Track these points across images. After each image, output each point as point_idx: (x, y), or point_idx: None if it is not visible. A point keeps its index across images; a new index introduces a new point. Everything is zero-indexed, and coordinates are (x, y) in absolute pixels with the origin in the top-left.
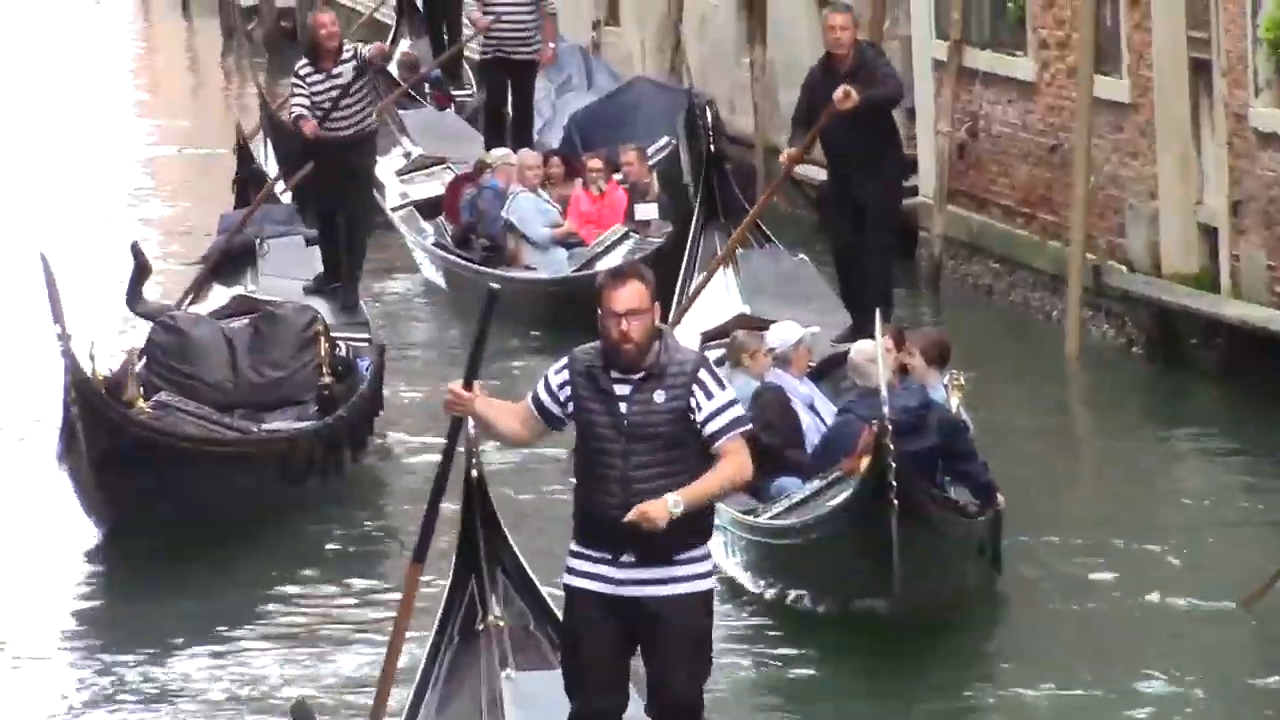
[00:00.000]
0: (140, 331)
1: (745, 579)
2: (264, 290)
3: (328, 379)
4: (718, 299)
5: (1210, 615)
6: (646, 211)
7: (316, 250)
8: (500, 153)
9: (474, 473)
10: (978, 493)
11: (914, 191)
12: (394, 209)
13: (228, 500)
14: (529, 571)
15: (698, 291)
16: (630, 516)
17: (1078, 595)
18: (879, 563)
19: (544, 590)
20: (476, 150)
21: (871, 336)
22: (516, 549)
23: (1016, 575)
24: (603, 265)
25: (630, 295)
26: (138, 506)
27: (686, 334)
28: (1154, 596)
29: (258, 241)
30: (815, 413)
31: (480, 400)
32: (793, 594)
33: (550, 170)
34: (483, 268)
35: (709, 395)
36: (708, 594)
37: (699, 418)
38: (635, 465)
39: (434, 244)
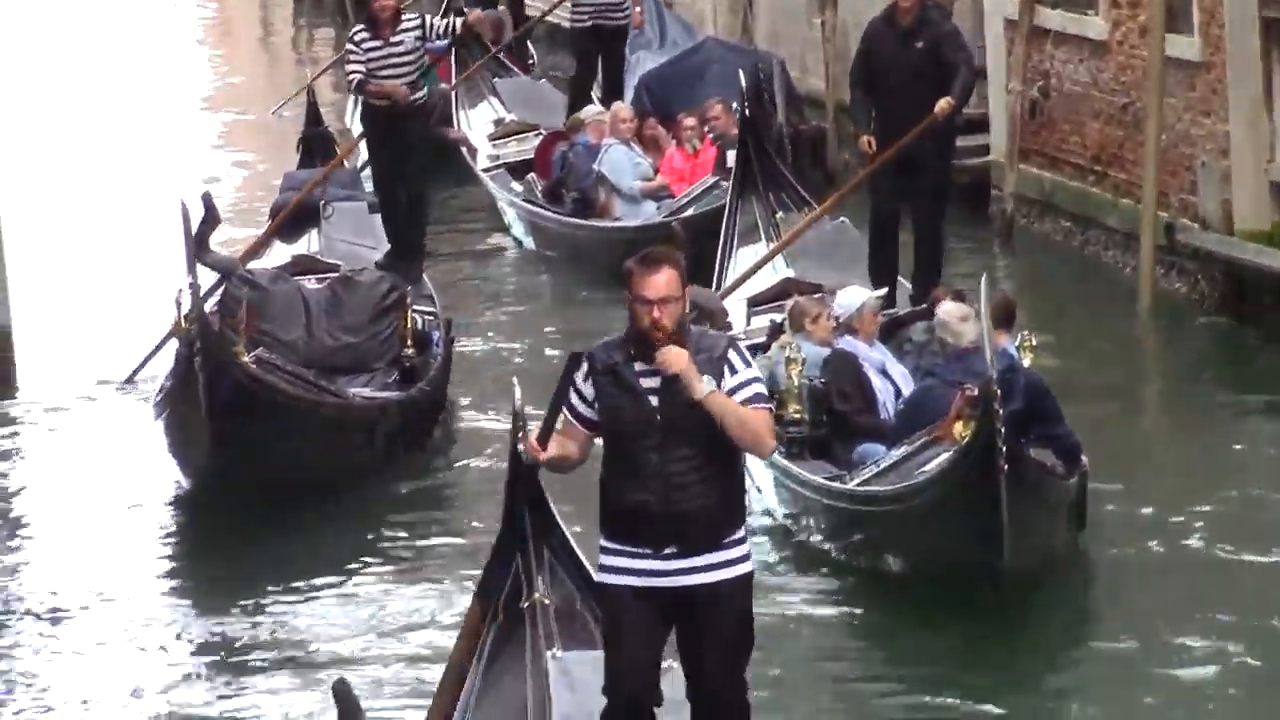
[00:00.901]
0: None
1: (829, 547)
2: (326, 252)
3: (410, 350)
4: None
5: None
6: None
7: (379, 218)
8: (593, 109)
9: (520, 447)
10: (1064, 455)
11: (985, 150)
12: (485, 170)
13: (319, 463)
14: (576, 548)
15: (753, 270)
16: (658, 360)
17: (1158, 550)
18: (986, 527)
19: (591, 568)
20: (564, 118)
21: (925, 299)
22: (563, 525)
23: (1098, 531)
24: (691, 213)
25: (664, 282)
26: (243, 461)
27: (733, 303)
28: (1232, 549)
29: (322, 204)
30: (887, 377)
31: (550, 452)
32: (886, 560)
33: (647, 131)
34: (573, 219)
35: (734, 371)
36: (750, 575)
37: (723, 391)
38: (673, 459)
39: (524, 200)
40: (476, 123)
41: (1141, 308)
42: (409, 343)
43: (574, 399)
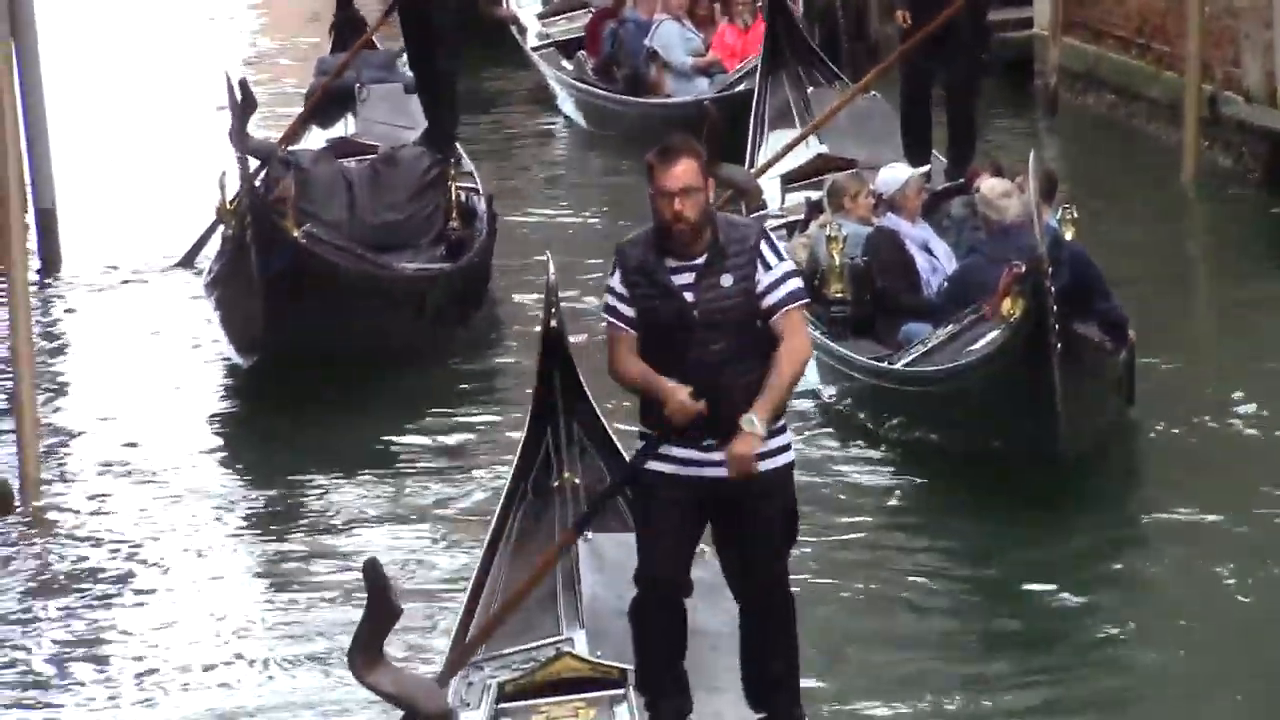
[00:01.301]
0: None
1: (875, 427)
2: (363, 134)
3: (455, 223)
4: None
5: None
6: None
7: (415, 98)
8: None
9: (553, 323)
10: (1111, 328)
11: (1028, 24)
12: (534, 48)
13: (370, 335)
14: (608, 429)
15: (788, 149)
16: (731, 474)
17: (1209, 424)
18: (1039, 404)
19: (622, 449)
20: None
21: (961, 175)
22: (594, 402)
23: (1146, 406)
24: (744, 88)
25: (684, 172)
26: (297, 334)
27: (766, 181)
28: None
29: (356, 86)
30: (931, 254)
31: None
32: (935, 440)
33: (699, 8)
34: (624, 96)
35: (767, 266)
36: (791, 465)
37: (759, 289)
38: (712, 354)
39: (574, 78)
40: (525, 1)
41: (1185, 180)
42: (454, 216)
43: (615, 302)
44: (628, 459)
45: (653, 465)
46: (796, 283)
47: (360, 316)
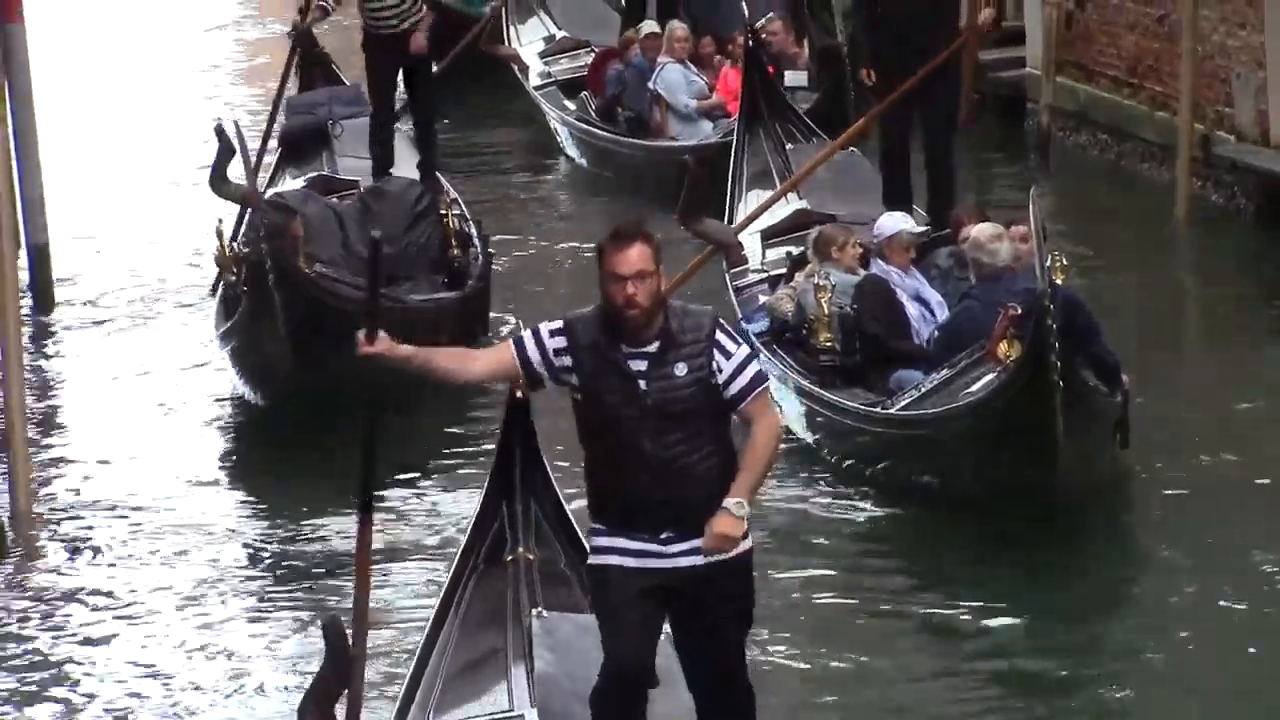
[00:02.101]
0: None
1: (868, 473)
2: (342, 171)
3: (457, 250)
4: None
5: None
6: (796, 79)
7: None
8: (649, 26)
9: (519, 394)
10: (1105, 373)
11: (1021, 63)
12: (536, 88)
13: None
14: (566, 509)
15: (768, 204)
16: (709, 553)
17: (1203, 464)
18: (1039, 445)
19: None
20: (617, 34)
21: (943, 224)
22: (555, 482)
23: (1140, 448)
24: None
25: (637, 257)
26: (322, 374)
27: (746, 237)
28: (1276, 462)
29: (329, 123)
30: (923, 304)
31: (396, 346)
32: (931, 484)
33: (703, 49)
34: (627, 139)
35: (727, 355)
36: (750, 551)
37: (720, 379)
38: (665, 445)
39: (577, 119)
40: (527, 39)
41: (1178, 220)
42: (453, 244)
43: (533, 348)
44: (584, 538)
45: (611, 560)
46: (757, 365)
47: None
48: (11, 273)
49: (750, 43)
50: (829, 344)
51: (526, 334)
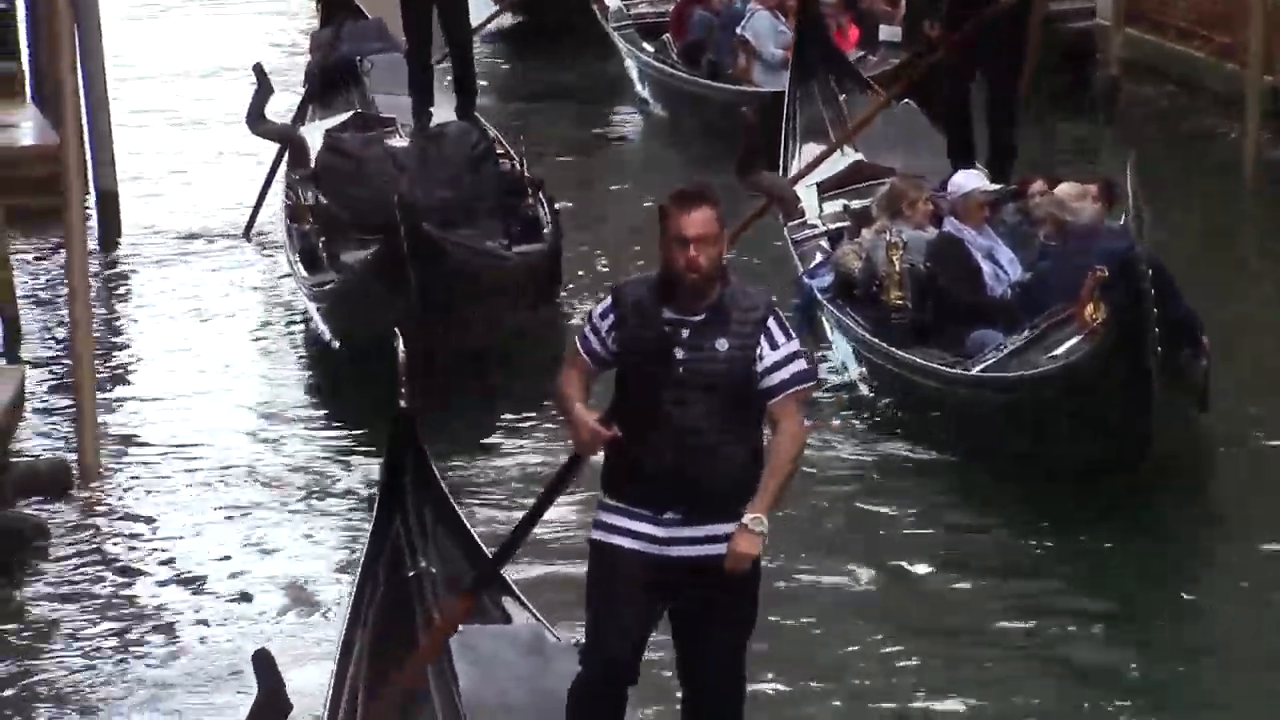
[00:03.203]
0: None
1: (947, 437)
2: (377, 108)
3: (531, 200)
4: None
5: None
6: (890, 33)
7: None
8: None
9: (403, 403)
10: (1187, 335)
11: (1089, 14)
12: (615, 28)
13: (485, 326)
14: (461, 516)
15: (823, 156)
16: (731, 568)
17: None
18: (1137, 409)
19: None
20: None
21: (1005, 177)
22: (448, 492)
23: (1215, 411)
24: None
25: (702, 220)
26: (445, 329)
27: (802, 190)
28: None
29: (358, 60)
30: (995, 263)
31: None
32: (1012, 446)
33: (787, 4)
34: (709, 81)
35: (774, 344)
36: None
37: (760, 366)
38: (690, 417)
39: (657, 60)
40: None
41: (1246, 175)
42: (528, 191)
43: (591, 336)
44: (484, 548)
45: (614, 539)
46: (802, 364)
47: (481, 306)
48: (79, 219)
49: None
50: (900, 301)
51: (585, 329)
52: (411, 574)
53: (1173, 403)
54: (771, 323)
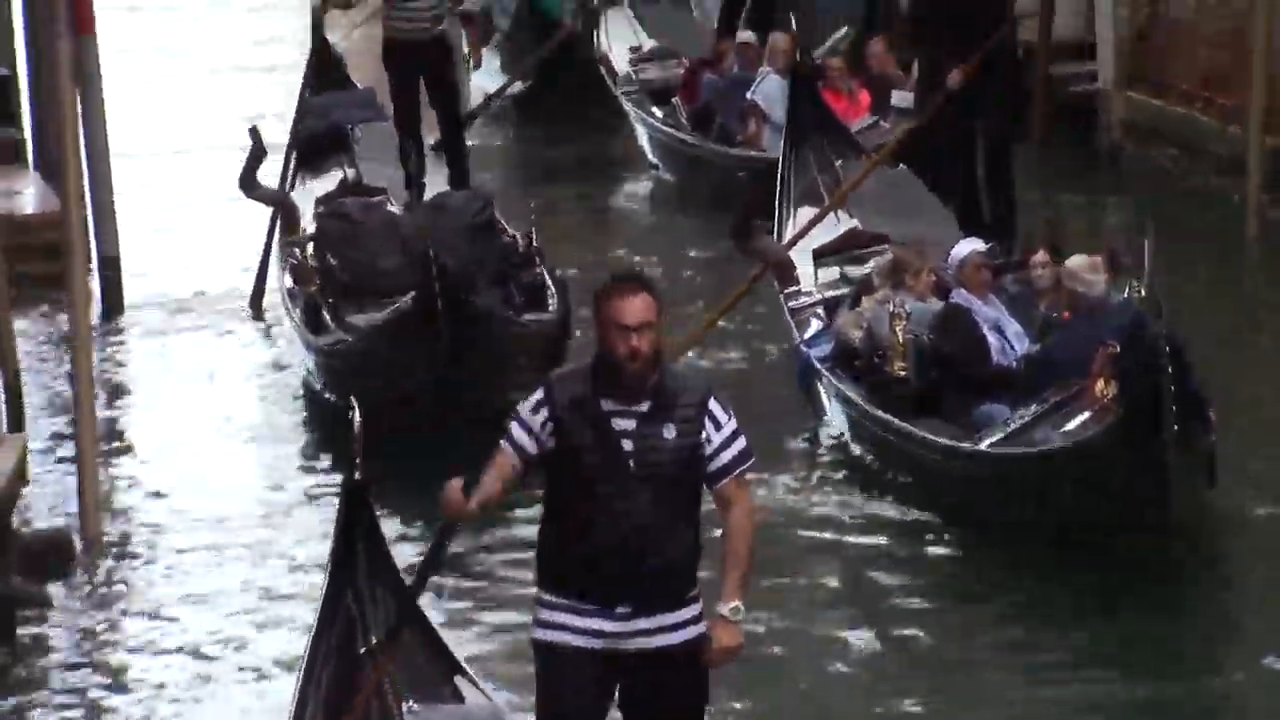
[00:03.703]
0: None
1: (959, 512)
2: (365, 176)
3: (539, 267)
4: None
5: None
6: (902, 99)
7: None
8: (747, 35)
9: (357, 475)
10: (1196, 410)
11: (1092, 77)
12: (624, 93)
13: (502, 390)
14: (413, 597)
15: (816, 220)
16: (716, 663)
17: None
18: (1155, 486)
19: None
20: (707, 45)
21: (1011, 234)
22: (400, 569)
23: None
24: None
25: (643, 306)
26: (466, 391)
27: (797, 256)
28: None
29: (348, 127)
30: (1002, 335)
31: (475, 503)
32: (1022, 520)
33: (799, 69)
34: (718, 146)
35: (718, 425)
36: (705, 636)
37: (709, 450)
38: (642, 509)
39: (667, 124)
40: (616, 45)
41: (1249, 236)
42: (536, 259)
43: (520, 433)
44: (433, 625)
45: (562, 637)
46: (744, 442)
47: (502, 370)
48: (82, 284)
49: (799, 57)
50: (903, 372)
51: (512, 425)
52: (363, 650)
53: (1185, 473)
54: (713, 404)
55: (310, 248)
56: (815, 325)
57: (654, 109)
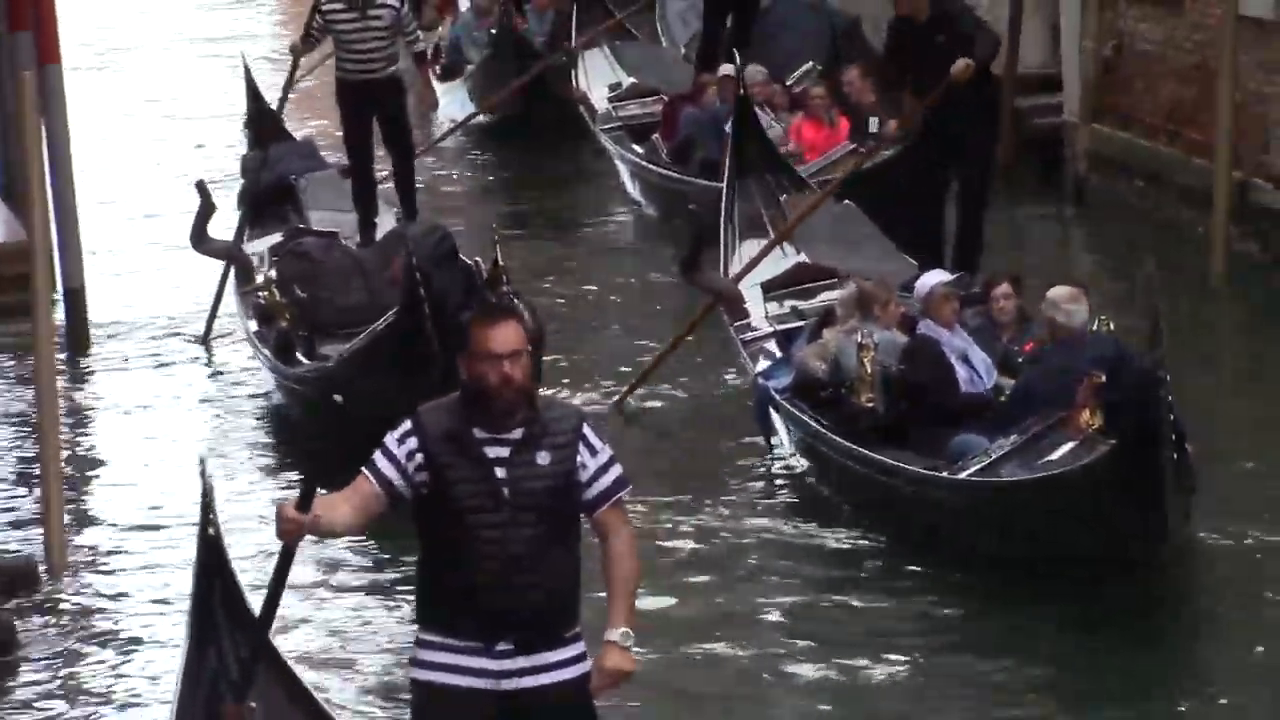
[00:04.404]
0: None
1: (934, 541)
2: (315, 224)
3: (505, 286)
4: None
5: None
6: (878, 126)
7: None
8: (726, 68)
9: (210, 530)
10: (1181, 441)
11: (1058, 110)
12: (604, 130)
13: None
14: (275, 646)
15: (763, 254)
16: (604, 688)
17: (1261, 537)
18: (1146, 514)
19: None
20: (688, 81)
21: (971, 269)
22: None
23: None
24: (832, 177)
25: (513, 335)
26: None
27: (745, 290)
28: None
29: (293, 178)
30: (970, 365)
31: (314, 515)
32: (998, 549)
33: (776, 99)
34: (699, 181)
35: (593, 451)
36: (589, 674)
37: (584, 477)
38: (518, 540)
39: (647, 161)
40: (595, 83)
41: (1215, 269)
42: (508, 289)
43: (385, 465)
44: (299, 678)
45: (443, 678)
46: (619, 468)
47: None
48: (46, 316)
49: (741, 90)
50: (870, 404)
51: (376, 453)
52: (225, 709)
53: (1174, 511)
54: (586, 429)
55: (275, 289)
56: (769, 357)
57: (634, 146)
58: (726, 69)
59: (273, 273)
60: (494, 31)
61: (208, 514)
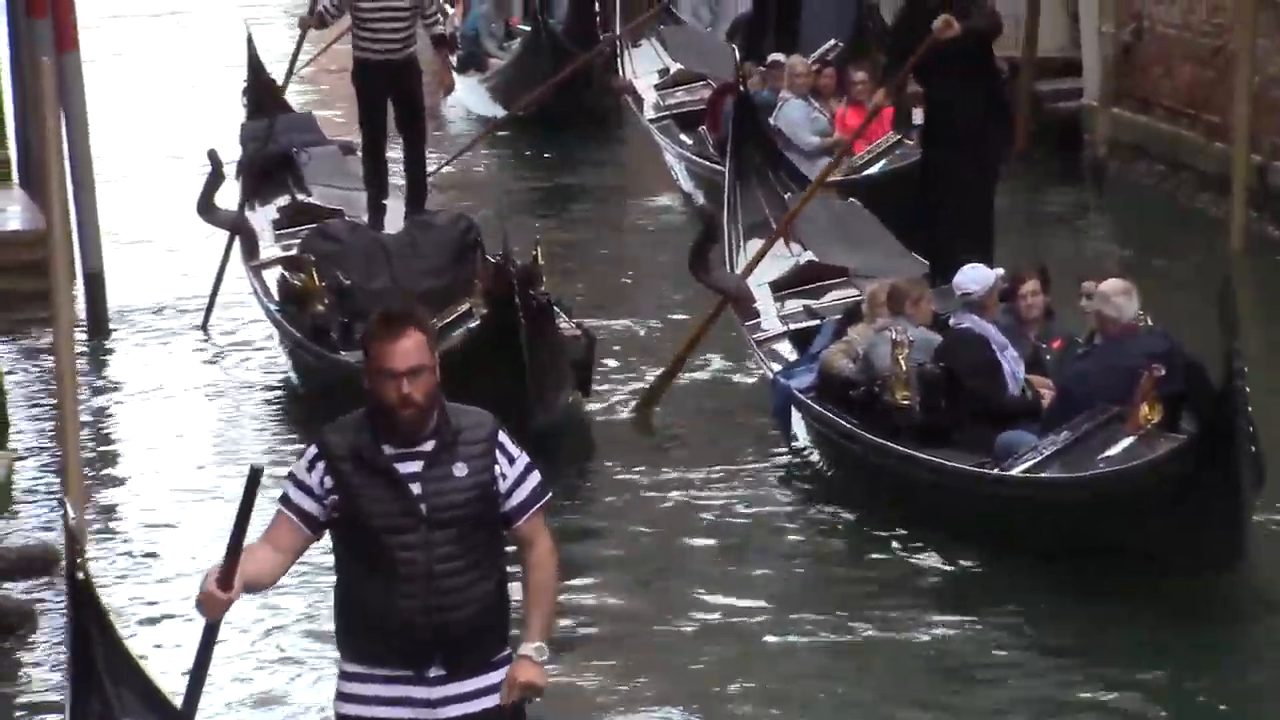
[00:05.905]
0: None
1: (978, 537)
2: (315, 198)
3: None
4: (774, 249)
5: None
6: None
7: (352, 159)
8: (773, 57)
9: (80, 574)
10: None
11: (1077, 94)
12: (652, 120)
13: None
14: (157, 686)
15: (764, 250)
16: (511, 699)
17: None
18: (1228, 515)
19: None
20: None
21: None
22: (139, 664)
23: None
24: (872, 171)
25: (411, 349)
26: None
27: (755, 289)
28: None
29: (294, 151)
30: (1009, 361)
31: (240, 583)
32: (1054, 545)
33: (822, 81)
34: None
35: (510, 459)
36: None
37: (502, 487)
38: (439, 557)
39: (695, 153)
40: (642, 71)
41: (1233, 251)
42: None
43: (299, 496)
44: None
45: (371, 711)
46: (538, 475)
47: (552, 379)
48: (66, 300)
49: (743, 86)
50: (905, 402)
51: (289, 489)
52: None
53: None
54: (502, 437)
55: (315, 270)
56: (780, 360)
57: (683, 136)
58: (776, 56)
59: (309, 254)
60: (525, 28)
61: (75, 557)
